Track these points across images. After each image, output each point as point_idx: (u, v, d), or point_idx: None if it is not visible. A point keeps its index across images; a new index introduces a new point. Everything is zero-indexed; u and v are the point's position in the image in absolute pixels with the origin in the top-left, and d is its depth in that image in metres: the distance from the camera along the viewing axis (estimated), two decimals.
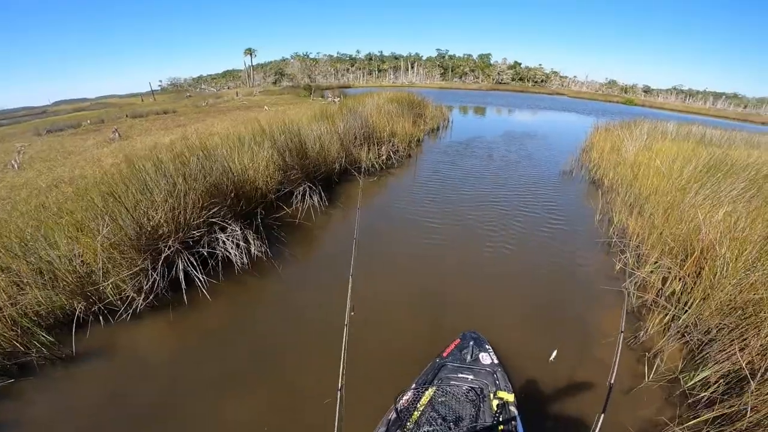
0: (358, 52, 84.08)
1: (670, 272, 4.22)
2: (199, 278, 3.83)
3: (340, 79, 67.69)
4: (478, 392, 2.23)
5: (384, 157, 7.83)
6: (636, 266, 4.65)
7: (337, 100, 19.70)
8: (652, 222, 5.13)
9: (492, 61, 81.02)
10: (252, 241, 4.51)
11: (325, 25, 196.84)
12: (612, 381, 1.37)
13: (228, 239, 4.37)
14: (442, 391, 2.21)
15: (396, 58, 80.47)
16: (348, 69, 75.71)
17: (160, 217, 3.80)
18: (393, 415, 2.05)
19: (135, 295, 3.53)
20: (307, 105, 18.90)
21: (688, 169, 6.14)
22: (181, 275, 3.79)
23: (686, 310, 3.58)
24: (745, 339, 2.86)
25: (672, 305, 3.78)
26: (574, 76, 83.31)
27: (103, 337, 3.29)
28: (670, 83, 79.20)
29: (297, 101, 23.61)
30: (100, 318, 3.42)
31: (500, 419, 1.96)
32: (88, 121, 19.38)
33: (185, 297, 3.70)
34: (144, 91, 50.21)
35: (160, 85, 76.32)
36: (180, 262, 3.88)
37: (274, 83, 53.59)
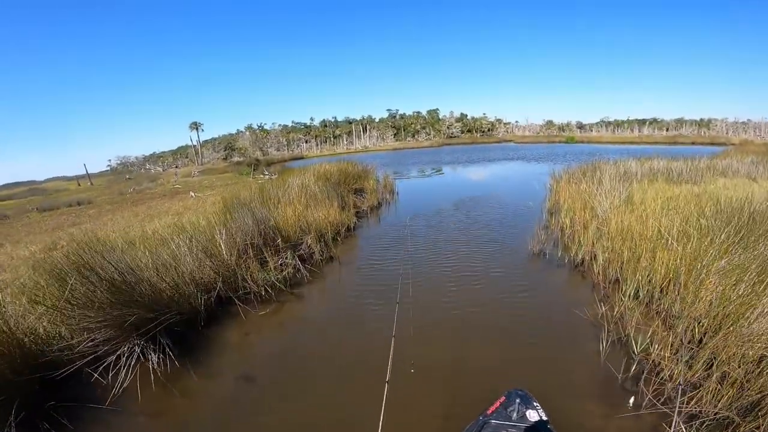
0: (312, 119, 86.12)
1: None
2: None
3: (294, 150, 67.38)
4: None
5: (290, 268, 5.46)
6: None
7: (274, 177, 17.88)
8: (713, 363, 3.01)
9: (441, 116, 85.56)
10: None
11: (278, 94, 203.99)
12: None
13: None
14: None
15: (350, 122, 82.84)
16: (301, 138, 76.37)
17: None
18: None
19: None
20: (240, 186, 16.81)
21: (718, 238, 4.22)
22: None
23: None
24: None
25: None
26: (516, 122, 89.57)
27: None
28: (598, 116, 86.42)
29: (235, 181, 21.59)
30: None
31: None
32: None
33: None
34: (95, 171, 48.04)
35: (108, 165, 72.93)
36: None
37: (225, 159, 51.96)
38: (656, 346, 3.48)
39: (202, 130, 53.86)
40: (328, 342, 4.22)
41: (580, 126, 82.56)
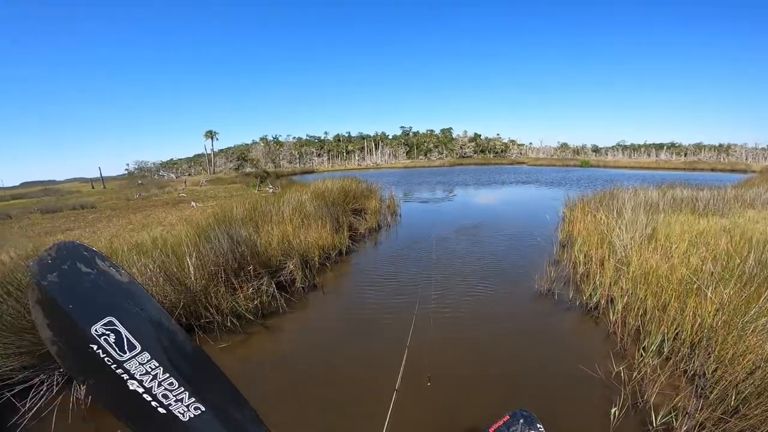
0: (326, 133, 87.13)
1: None
2: None
3: (306, 164, 67.78)
4: None
5: (265, 296, 4.91)
6: None
7: (277, 191, 17.65)
8: None
9: (454, 135, 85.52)
10: None
11: (295, 106, 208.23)
12: None
13: None
14: None
15: (363, 138, 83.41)
16: (314, 151, 77.00)
17: None
18: None
19: None
20: (239, 199, 16.56)
21: None
22: None
23: None
24: None
25: None
26: (530, 143, 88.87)
27: None
28: (614, 140, 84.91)
29: (240, 193, 21.42)
30: None
31: None
32: None
33: None
34: (114, 174, 49.33)
35: (126, 169, 74.69)
36: None
37: (236, 169, 52.50)
38: (682, 419, 2.79)
39: (217, 139, 54.80)
40: (291, 383, 3.60)
41: (596, 149, 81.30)
